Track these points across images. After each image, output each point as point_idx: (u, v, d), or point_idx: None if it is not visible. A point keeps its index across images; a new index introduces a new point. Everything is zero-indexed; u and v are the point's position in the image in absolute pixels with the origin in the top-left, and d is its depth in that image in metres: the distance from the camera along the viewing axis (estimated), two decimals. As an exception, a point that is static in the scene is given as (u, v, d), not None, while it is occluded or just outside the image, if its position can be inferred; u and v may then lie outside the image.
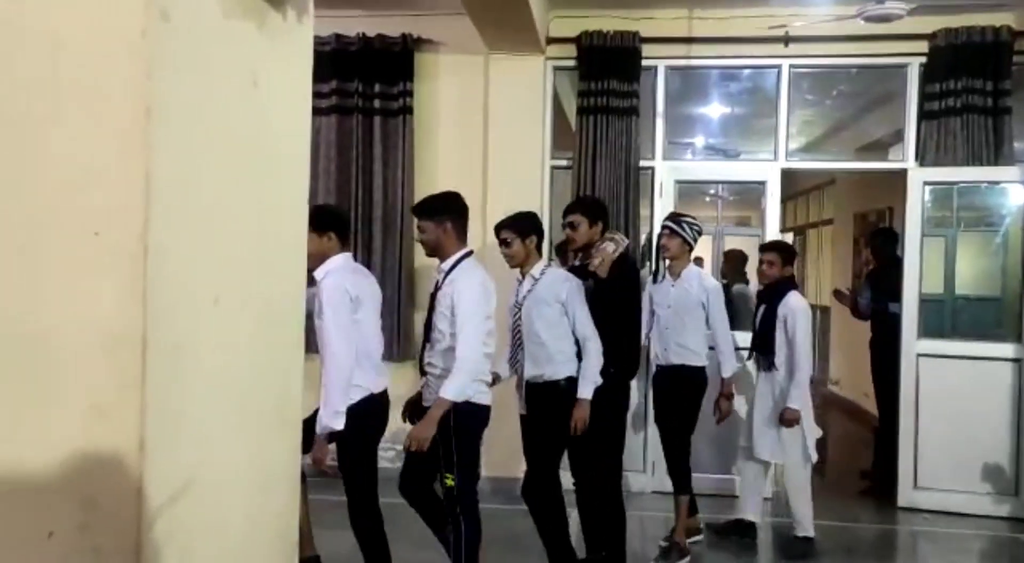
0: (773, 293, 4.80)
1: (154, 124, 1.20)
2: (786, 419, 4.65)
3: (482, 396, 3.61)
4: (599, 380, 3.97)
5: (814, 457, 4.80)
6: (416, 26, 5.84)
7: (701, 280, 4.66)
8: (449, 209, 3.73)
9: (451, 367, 3.56)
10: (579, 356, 3.98)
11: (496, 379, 3.99)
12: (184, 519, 1.30)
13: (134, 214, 1.19)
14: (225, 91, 1.42)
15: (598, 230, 4.22)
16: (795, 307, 4.71)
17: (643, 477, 5.77)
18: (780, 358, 4.72)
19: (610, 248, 4.08)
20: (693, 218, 4.70)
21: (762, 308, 4.86)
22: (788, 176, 5.94)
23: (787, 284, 4.82)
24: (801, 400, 4.67)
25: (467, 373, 3.48)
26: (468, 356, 3.49)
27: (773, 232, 5.78)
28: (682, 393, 4.61)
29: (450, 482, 3.60)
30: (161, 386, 1.23)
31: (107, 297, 1.19)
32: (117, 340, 1.19)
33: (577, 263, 4.32)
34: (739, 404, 5.05)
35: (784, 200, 6.14)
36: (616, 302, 4.07)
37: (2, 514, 1.20)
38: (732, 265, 7.07)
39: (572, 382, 3.96)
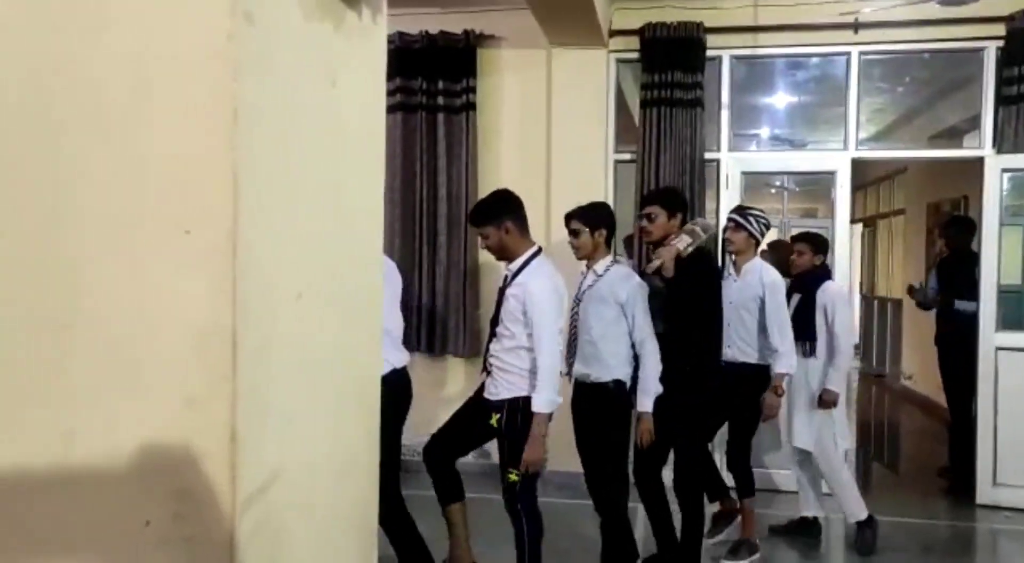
0: (807, 282, 4.79)
1: (240, 126, 1.23)
2: (825, 401, 4.64)
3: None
4: (659, 389, 3.89)
5: (845, 444, 4.77)
6: (478, 22, 5.87)
7: (761, 274, 4.56)
8: (504, 209, 3.73)
9: (517, 364, 3.57)
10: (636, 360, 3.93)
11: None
12: (273, 508, 1.34)
13: (223, 212, 1.22)
14: (306, 92, 1.45)
15: (676, 222, 4.12)
16: (834, 294, 4.80)
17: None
18: (820, 345, 4.69)
19: (680, 244, 3.96)
20: (760, 211, 4.62)
21: (796, 297, 4.82)
22: (858, 165, 5.80)
23: (822, 273, 4.84)
24: (841, 384, 4.65)
25: (551, 382, 3.51)
26: (549, 365, 3.51)
27: (844, 223, 5.65)
28: (745, 391, 4.53)
29: (513, 478, 3.62)
30: (250, 379, 1.26)
31: (198, 293, 1.23)
32: (208, 335, 1.23)
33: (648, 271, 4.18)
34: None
35: (853, 190, 5.98)
36: (686, 300, 3.95)
37: (102, 503, 1.25)
38: (777, 256, 6.96)
39: (620, 386, 3.89)
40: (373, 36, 1.75)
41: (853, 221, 9.12)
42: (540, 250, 3.74)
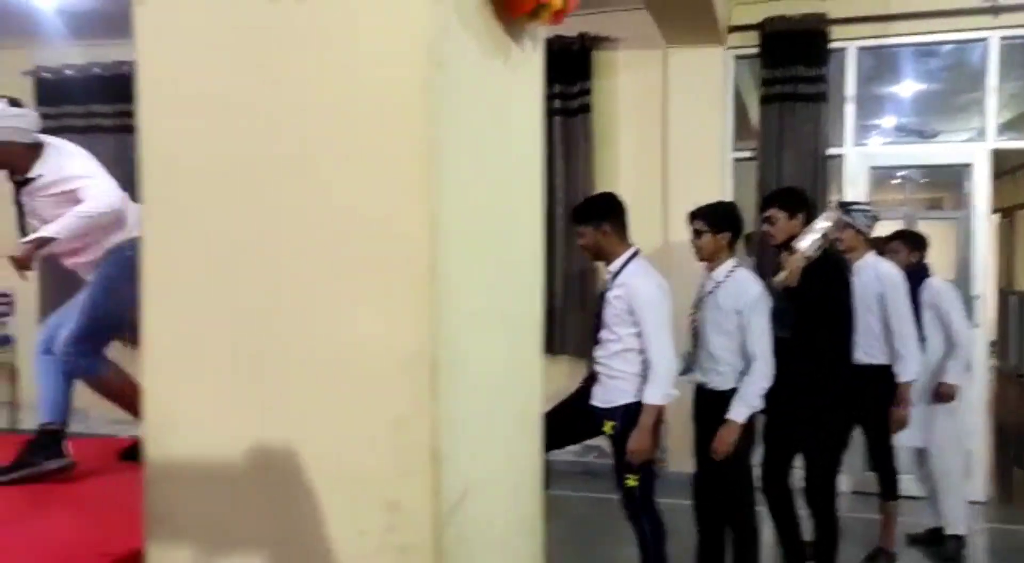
0: (909, 279, 4.57)
1: (436, 165, 1.33)
2: (942, 394, 4.40)
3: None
4: (756, 405, 3.79)
5: (967, 444, 4.52)
6: (593, 24, 5.90)
7: (877, 270, 4.29)
8: (605, 211, 3.72)
9: (626, 369, 3.59)
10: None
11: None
12: (466, 520, 1.44)
13: (423, 248, 1.32)
14: (483, 128, 1.54)
15: (799, 222, 4.01)
16: (941, 289, 4.55)
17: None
18: (934, 343, 4.48)
19: (806, 248, 3.84)
20: (866, 204, 4.45)
21: None
22: (995, 154, 5.54)
23: (920, 270, 4.61)
24: (958, 378, 4.42)
25: (665, 377, 3.50)
26: (663, 362, 3.50)
27: (983, 215, 5.41)
28: (875, 394, 4.38)
29: (632, 483, 3.62)
30: (447, 399, 1.36)
31: (402, 321, 1.34)
32: (411, 359, 1.33)
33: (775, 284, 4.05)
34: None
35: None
36: (813, 302, 3.84)
37: (322, 514, 1.37)
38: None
39: None
40: (533, 64, 1.83)
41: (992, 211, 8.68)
42: (638, 252, 3.73)
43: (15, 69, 6.18)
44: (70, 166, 3.17)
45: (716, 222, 3.87)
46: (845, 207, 4.43)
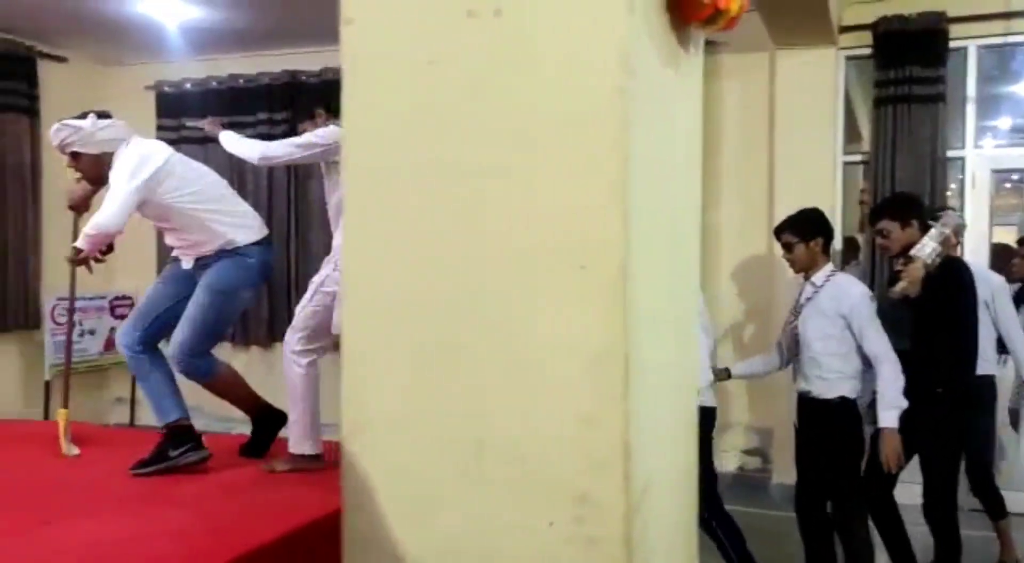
0: None
1: (631, 170, 1.37)
2: None
3: (707, 398, 3.62)
4: (901, 403, 3.70)
5: None
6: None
7: (985, 277, 4.16)
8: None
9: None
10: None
11: (721, 376, 3.99)
12: (648, 514, 1.47)
13: (616, 249, 1.37)
14: (662, 133, 1.58)
15: (914, 230, 3.91)
16: None
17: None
18: None
19: (925, 256, 3.72)
20: (952, 210, 4.28)
21: None
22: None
23: None
24: None
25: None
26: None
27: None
28: (977, 405, 4.20)
29: None
30: (636, 396, 1.40)
31: (593, 321, 1.38)
32: (602, 358, 1.38)
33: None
34: None
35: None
36: (934, 311, 3.74)
37: (512, 505, 1.43)
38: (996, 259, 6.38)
39: (846, 402, 3.72)
40: (695, 69, 1.85)
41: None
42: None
43: (140, 84, 6.52)
44: (128, 165, 3.20)
45: (805, 231, 3.79)
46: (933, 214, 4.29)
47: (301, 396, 3.41)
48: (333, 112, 3.62)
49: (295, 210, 6.24)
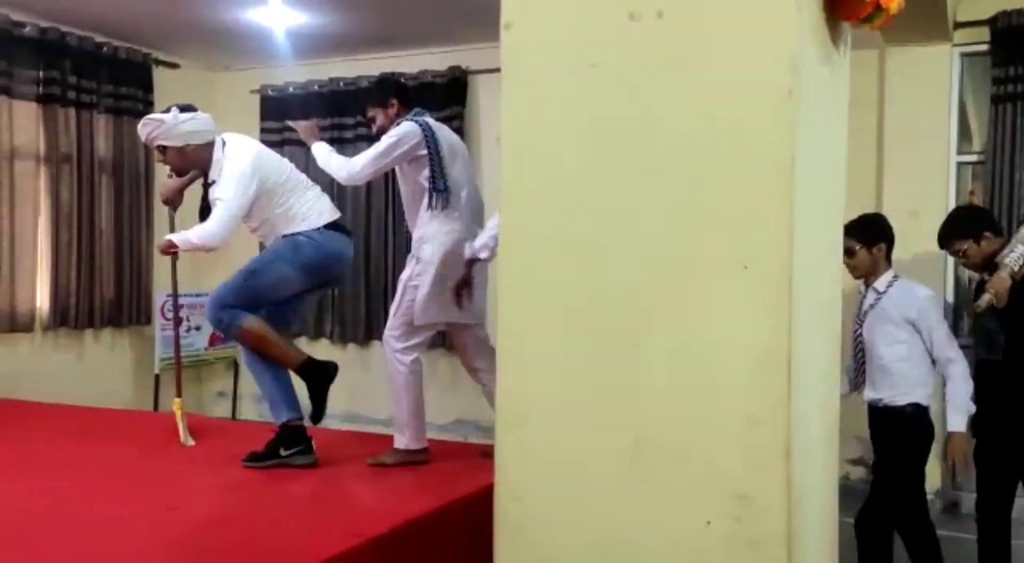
0: None
1: (796, 171, 1.36)
2: None
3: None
4: (971, 407, 3.56)
5: None
6: (801, 27, 5.75)
7: None
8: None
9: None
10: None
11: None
12: (805, 513, 1.46)
13: (780, 249, 1.36)
14: (820, 133, 1.56)
15: (992, 240, 3.69)
16: None
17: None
18: None
19: (1012, 262, 3.55)
20: None
21: None
22: None
23: None
24: None
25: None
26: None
27: None
28: None
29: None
30: (798, 398, 1.40)
31: (756, 321, 1.38)
32: (767, 359, 1.38)
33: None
34: None
35: None
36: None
37: (668, 503, 1.44)
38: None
39: (918, 409, 3.59)
40: (844, 68, 1.83)
41: None
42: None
43: (245, 89, 6.75)
44: (238, 170, 3.33)
45: (868, 236, 3.66)
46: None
47: (405, 393, 3.48)
48: (405, 104, 3.68)
49: (393, 206, 6.32)
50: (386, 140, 3.50)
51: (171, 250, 3.53)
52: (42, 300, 5.61)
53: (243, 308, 3.38)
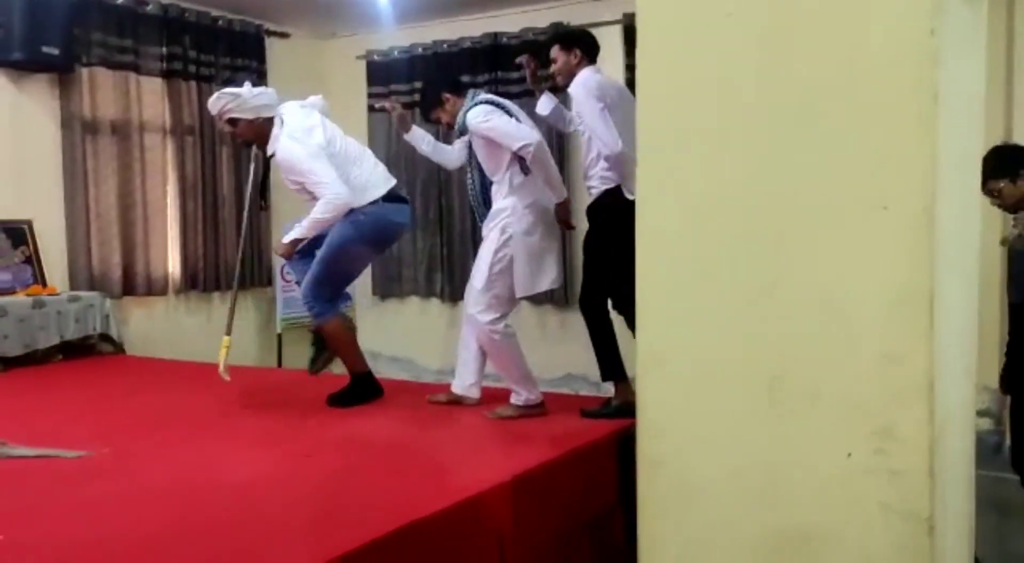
0: None
1: (939, 109, 1.38)
2: None
3: None
4: None
5: None
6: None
7: None
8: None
9: None
10: None
11: None
12: (946, 446, 1.51)
13: (923, 190, 1.39)
14: (962, 71, 1.56)
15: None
16: None
17: None
18: None
19: None
20: None
21: None
22: None
23: None
24: None
25: None
26: None
27: None
28: None
29: None
30: (940, 335, 1.43)
31: (897, 261, 1.42)
32: (908, 296, 1.41)
33: None
34: None
35: None
36: None
37: (805, 437, 1.50)
38: None
39: None
40: (982, 5, 1.80)
41: None
42: None
43: (351, 55, 6.93)
44: (297, 157, 3.51)
45: (1008, 169, 3.51)
46: None
47: (508, 357, 3.61)
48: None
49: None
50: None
51: (293, 251, 3.72)
52: (173, 265, 5.99)
53: (335, 294, 3.74)
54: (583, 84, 3.62)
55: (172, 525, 2.33)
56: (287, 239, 3.70)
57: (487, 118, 3.59)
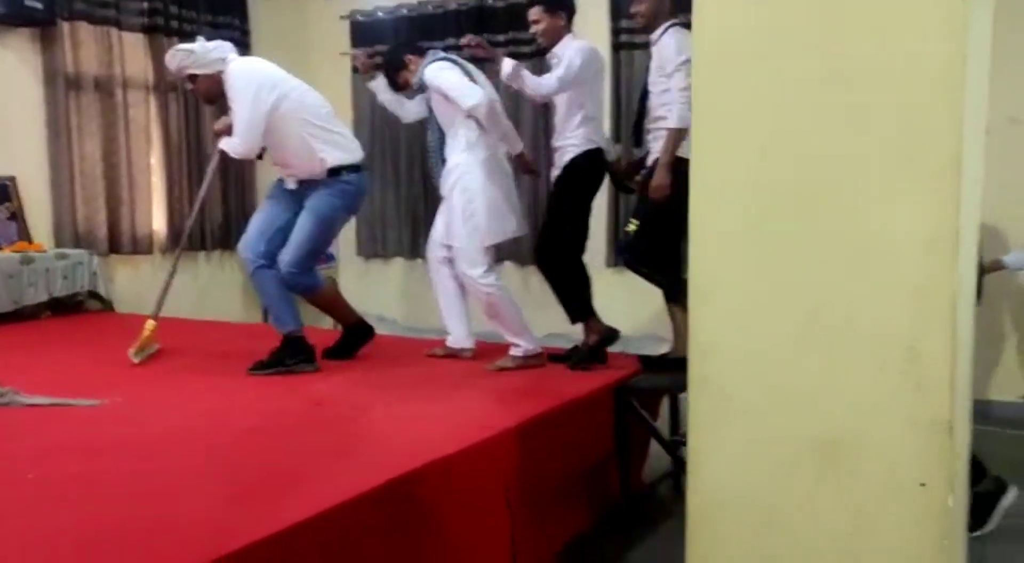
0: None
1: (967, 67, 1.52)
2: None
3: None
4: None
5: None
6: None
7: None
8: None
9: None
10: None
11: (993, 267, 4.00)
12: (959, 366, 1.67)
13: (952, 141, 1.54)
14: (977, 34, 1.70)
15: None
16: None
17: None
18: None
19: None
20: None
21: None
22: None
23: None
24: None
25: None
26: None
27: None
28: None
29: None
30: (961, 275, 1.60)
31: (925, 207, 1.57)
32: (935, 241, 1.58)
33: None
34: None
35: None
36: None
37: (843, 360, 1.67)
38: None
39: None
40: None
41: None
42: None
43: (335, 15, 6.89)
44: (234, 96, 3.53)
45: None
46: None
47: (503, 310, 3.70)
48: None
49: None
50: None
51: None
52: (158, 224, 5.97)
53: (316, 263, 3.77)
54: (580, 51, 3.70)
55: (201, 464, 2.40)
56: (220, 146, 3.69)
57: (441, 72, 3.67)
